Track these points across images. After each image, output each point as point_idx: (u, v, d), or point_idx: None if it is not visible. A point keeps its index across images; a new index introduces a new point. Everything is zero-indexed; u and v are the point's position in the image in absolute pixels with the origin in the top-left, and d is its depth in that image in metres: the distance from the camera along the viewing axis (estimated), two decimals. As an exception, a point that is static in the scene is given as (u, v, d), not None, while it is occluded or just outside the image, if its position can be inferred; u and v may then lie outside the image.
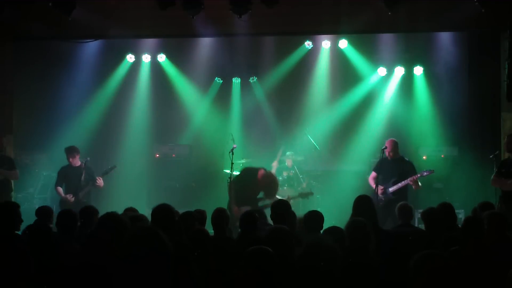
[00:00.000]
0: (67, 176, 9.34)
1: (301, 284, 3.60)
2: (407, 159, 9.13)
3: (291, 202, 9.42)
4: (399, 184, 8.77)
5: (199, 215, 6.16)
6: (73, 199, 9.07)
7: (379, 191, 8.70)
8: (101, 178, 9.21)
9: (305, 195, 9.18)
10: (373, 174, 9.11)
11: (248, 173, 8.56)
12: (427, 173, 8.90)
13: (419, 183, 8.81)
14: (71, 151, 9.42)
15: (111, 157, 10.76)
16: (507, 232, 5.24)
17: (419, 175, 8.78)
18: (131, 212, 6.09)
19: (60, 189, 9.28)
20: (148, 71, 11.62)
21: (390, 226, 7.37)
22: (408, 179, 8.72)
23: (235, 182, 8.42)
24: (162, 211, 4.82)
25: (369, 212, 5.68)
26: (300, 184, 10.67)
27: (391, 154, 8.99)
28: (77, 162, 9.40)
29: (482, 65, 10.38)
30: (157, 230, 3.14)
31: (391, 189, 8.81)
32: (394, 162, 8.98)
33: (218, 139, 11.05)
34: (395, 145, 9.06)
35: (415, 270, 3.41)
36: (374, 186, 8.87)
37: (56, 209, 9.07)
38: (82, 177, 9.25)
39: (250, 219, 5.53)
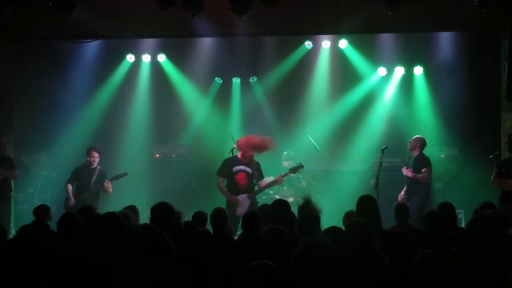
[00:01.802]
0: (79, 175, 9.40)
1: (298, 282, 3.59)
2: (424, 155, 9.22)
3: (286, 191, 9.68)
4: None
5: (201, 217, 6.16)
6: (74, 202, 9.09)
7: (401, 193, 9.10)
8: (109, 183, 9.25)
9: (296, 169, 9.12)
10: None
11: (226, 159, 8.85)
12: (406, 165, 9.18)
13: (426, 174, 8.98)
14: (89, 151, 9.48)
15: (111, 157, 10.74)
16: (508, 232, 5.24)
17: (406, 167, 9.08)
18: (130, 210, 6.08)
19: (69, 187, 9.32)
20: (148, 71, 11.61)
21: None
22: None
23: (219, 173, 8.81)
24: (161, 209, 4.81)
25: (372, 212, 5.67)
26: (300, 184, 10.66)
27: (411, 149, 9.26)
28: (94, 163, 9.42)
29: (482, 65, 10.38)
30: (159, 229, 3.14)
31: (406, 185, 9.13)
32: (414, 158, 9.24)
33: (218, 139, 11.05)
34: (416, 140, 9.27)
35: (417, 270, 3.41)
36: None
37: (60, 208, 9.11)
38: (93, 179, 9.28)
39: (252, 219, 5.51)
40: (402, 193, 9.12)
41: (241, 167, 8.73)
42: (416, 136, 9.45)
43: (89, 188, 9.28)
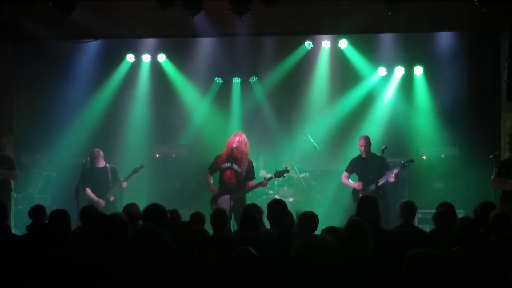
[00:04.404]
0: (93, 178, 9.40)
1: (295, 283, 3.60)
2: (378, 155, 9.10)
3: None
4: (381, 180, 8.81)
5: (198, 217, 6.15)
6: (104, 203, 9.13)
7: (358, 186, 8.90)
8: (125, 182, 9.41)
9: (281, 173, 9.01)
10: (345, 174, 9.24)
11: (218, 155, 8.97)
12: (408, 163, 8.94)
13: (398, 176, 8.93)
14: (94, 153, 9.51)
15: (111, 157, 10.74)
16: (509, 231, 5.24)
17: (399, 167, 8.86)
18: (132, 207, 6.08)
19: (90, 192, 9.32)
20: (148, 71, 11.62)
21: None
22: (392, 173, 8.79)
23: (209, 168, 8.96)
24: (154, 211, 4.81)
25: (373, 213, 5.65)
26: (300, 184, 10.67)
27: (367, 150, 9.11)
28: (101, 163, 9.45)
29: (482, 65, 10.38)
30: (159, 229, 3.15)
31: (372, 186, 8.82)
32: (369, 159, 9.07)
33: (218, 139, 11.04)
34: (369, 141, 9.18)
35: (407, 269, 3.42)
36: (349, 184, 9.11)
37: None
38: (109, 178, 9.33)
39: (250, 220, 5.52)
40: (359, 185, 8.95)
41: (230, 164, 8.72)
42: (364, 136, 9.30)
43: (111, 188, 9.36)
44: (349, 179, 9.28)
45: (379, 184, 8.76)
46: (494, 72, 9.87)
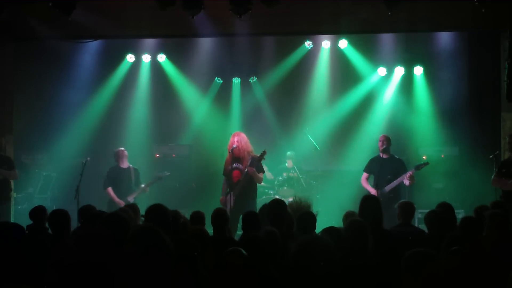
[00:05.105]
0: (117, 178, 9.42)
1: (295, 283, 3.60)
2: (397, 157, 9.03)
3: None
4: (395, 182, 8.67)
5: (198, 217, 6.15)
6: (124, 205, 9.15)
7: (374, 192, 8.60)
8: (147, 188, 9.48)
9: (261, 156, 8.66)
10: (364, 175, 9.06)
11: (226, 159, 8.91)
12: (423, 166, 8.83)
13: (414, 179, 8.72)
14: (118, 153, 9.55)
15: (111, 157, 10.74)
16: (509, 231, 5.24)
17: (414, 169, 8.71)
18: (130, 209, 6.07)
19: (111, 191, 9.34)
20: (148, 71, 11.62)
21: (387, 225, 7.26)
22: (406, 174, 8.62)
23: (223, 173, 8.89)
24: (156, 211, 4.81)
25: (376, 213, 5.64)
26: (300, 184, 10.67)
27: (384, 147, 8.86)
28: (125, 163, 9.51)
29: (482, 65, 10.39)
30: (158, 229, 3.15)
31: (387, 188, 8.70)
32: (387, 160, 8.87)
33: (218, 139, 11.05)
34: (388, 140, 8.98)
35: (405, 269, 3.42)
36: (367, 187, 8.86)
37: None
38: (132, 180, 9.38)
39: (252, 219, 5.51)
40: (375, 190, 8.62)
41: (235, 164, 8.73)
42: (384, 134, 9.13)
43: (134, 191, 9.40)
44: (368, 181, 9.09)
45: (390, 187, 8.66)
46: (494, 72, 9.87)
